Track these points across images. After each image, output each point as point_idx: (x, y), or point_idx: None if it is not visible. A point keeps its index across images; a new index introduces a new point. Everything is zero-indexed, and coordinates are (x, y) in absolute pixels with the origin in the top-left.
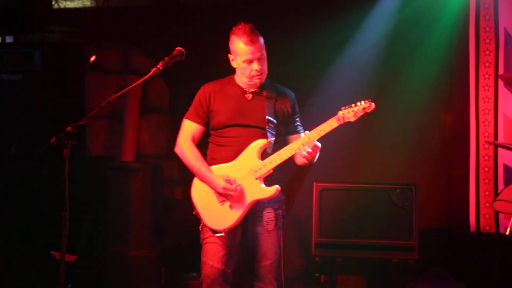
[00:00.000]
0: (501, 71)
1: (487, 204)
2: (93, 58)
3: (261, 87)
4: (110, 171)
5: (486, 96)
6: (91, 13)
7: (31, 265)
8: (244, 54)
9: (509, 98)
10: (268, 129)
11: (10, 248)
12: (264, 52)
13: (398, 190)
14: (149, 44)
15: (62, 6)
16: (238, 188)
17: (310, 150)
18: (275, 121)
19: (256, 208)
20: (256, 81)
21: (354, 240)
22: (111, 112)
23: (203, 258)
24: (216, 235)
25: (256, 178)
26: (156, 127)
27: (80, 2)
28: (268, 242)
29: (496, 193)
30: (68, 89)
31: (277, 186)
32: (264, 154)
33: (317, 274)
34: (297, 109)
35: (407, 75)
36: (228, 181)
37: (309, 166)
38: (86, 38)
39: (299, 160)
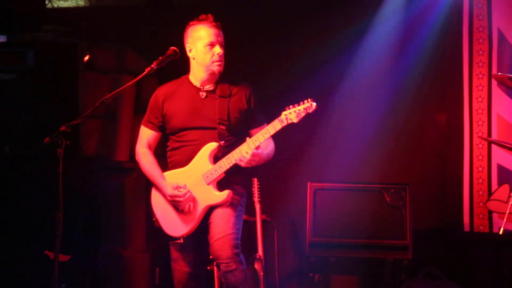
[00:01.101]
0: (494, 71)
1: (481, 204)
2: (87, 58)
3: (216, 83)
4: (104, 170)
5: (480, 96)
6: (85, 12)
7: (25, 265)
8: (208, 37)
9: (503, 98)
10: (219, 131)
11: (3, 248)
12: (224, 42)
13: (392, 190)
14: (143, 44)
15: (55, 5)
16: (188, 195)
17: (248, 158)
18: (227, 122)
19: None
20: (216, 68)
21: (348, 240)
22: (105, 112)
23: (172, 264)
24: (175, 241)
25: (208, 184)
26: None
27: (73, 1)
28: (221, 218)
29: (490, 193)
30: (61, 88)
31: (228, 190)
32: (215, 158)
33: (311, 274)
34: (255, 102)
35: (401, 75)
36: (177, 188)
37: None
38: (79, 37)
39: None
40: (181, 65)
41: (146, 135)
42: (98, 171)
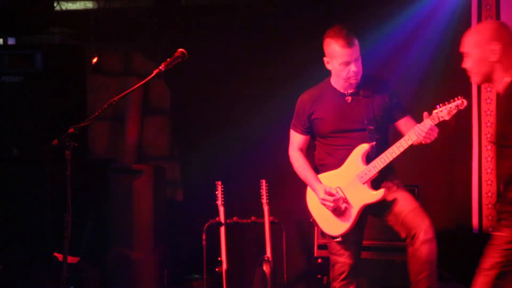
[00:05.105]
0: None
1: (490, 206)
2: (95, 60)
3: (357, 85)
4: (112, 172)
5: (489, 98)
6: (93, 15)
7: (33, 267)
8: (341, 57)
9: None
10: (369, 131)
11: (11, 250)
12: (359, 53)
13: None
14: (150, 46)
15: (64, 8)
16: (341, 203)
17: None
18: (375, 121)
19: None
20: (353, 81)
21: None
22: (113, 114)
23: (334, 257)
24: (334, 240)
25: (363, 183)
26: (158, 129)
27: (82, 4)
28: (402, 195)
29: (499, 195)
30: (69, 91)
31: (383, 189)
32: (368, 158)
33: (319, 276)
34: (396, 96)
35: (409, 76)
36: (329, 193)
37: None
38: (87, 40)
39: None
40: (188, 66)
41: (296, 139)
42: (106, 173)
